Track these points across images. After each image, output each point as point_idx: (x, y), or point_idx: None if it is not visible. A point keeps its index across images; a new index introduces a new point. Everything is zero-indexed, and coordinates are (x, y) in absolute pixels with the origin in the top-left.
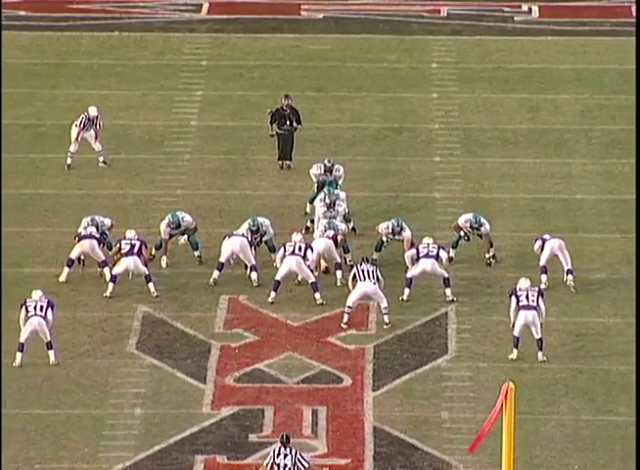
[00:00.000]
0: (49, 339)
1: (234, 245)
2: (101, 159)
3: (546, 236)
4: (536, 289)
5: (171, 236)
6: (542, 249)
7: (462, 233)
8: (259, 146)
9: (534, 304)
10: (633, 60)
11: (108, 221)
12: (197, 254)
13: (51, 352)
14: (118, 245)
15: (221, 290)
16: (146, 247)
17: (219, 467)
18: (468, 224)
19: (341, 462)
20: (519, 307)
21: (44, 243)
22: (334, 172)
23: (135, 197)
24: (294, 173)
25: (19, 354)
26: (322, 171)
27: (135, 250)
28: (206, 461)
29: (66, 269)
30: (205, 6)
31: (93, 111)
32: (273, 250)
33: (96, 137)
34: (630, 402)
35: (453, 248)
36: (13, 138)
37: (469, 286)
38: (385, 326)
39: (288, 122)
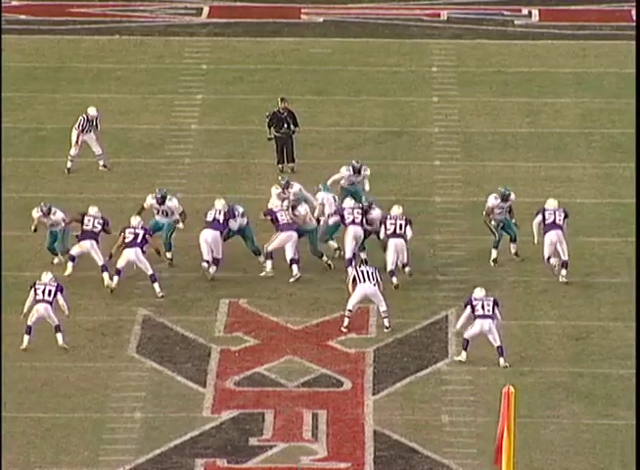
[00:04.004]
0: (57, 323)
1: (206, 237)
2: (101, 162)
3: (547, 206)
4: (491, 299)
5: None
6: (544, 223)
7: (493, 223)
8: (260, 150)
9: (490, 313)
10: (633, 64)
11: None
12: (169, 255)
13: (59, 335)
14: (123, 234)
15: (221, 293)
16: (150, 235)
17: None
18: (498, 200)
19: (341, 466)
20: (475, 316)
21: (44, 247)
22: (362, 172)
23: (135, 201)
24: (293, 177)
25: (26, 337)
26: (352, 173)
27: (139, 239)
28: (207, 465)
29: (70, 264)
30: (206, 10)
31: (92, 110)
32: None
33: (96, 138)
34: (631, 406)
35: (495, 248)
36: (13, 142)
37: (469, 290)
38: (385, 330)
39: (285, 125)
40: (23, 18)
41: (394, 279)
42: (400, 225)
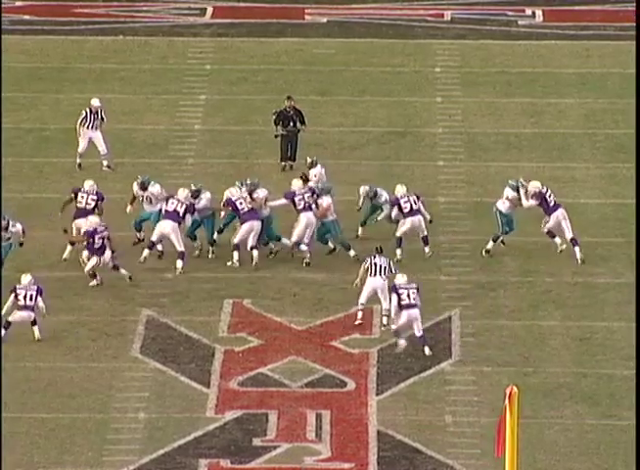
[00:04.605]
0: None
1: (164, 227)
2: (105, 162)
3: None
4: (415, 286)
5: (136, 198)
6: (547, 204)
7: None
8: (263, 150)
9: (415, 301)
10: (637, 64)
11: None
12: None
13: (35, 328)
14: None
15: (225, 294)
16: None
17: None
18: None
19: (344, 466)
20: (401, 306)
21: (48, 247)
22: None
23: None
24: (291, 175)
25: (3, 331)
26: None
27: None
28: (210, 465)
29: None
30: (210, 10)
31: (95, 101)
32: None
33: (103, 137)
34: (634, 407)
35: (493, 241)
36: (17, 142)
37: (472, 290)
38: (382, 328)
39: (292, 123)
40: (27, 18)
41: (427, 249)
42: (414, 201)
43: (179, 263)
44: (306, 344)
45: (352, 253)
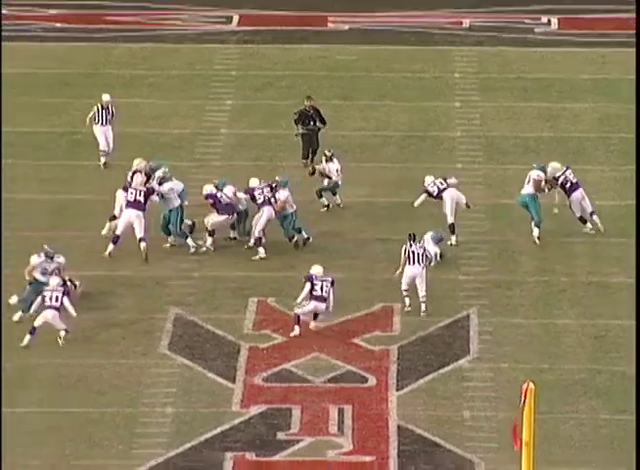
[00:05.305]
0: (63, 327)
1: (129, 216)
2: (103, 159)
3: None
4: (330, 279)
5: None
6: (564, 188)
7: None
8: (287, 153)
9: (327, 295)
10: None
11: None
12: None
13: (62, 333)
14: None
15: (250, 293)
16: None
17: (248, 464)
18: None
19: (366, 459)
20: (312, 297)
21: (78, 247)
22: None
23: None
24: (319, 179)
25: (28, 336)
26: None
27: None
28: (236, 458)
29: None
30: (236, 18)
31: (106, 96)
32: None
33: (112, 134)
34: None
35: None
36: (50, 146)
37: (490, 289)
38: (421, 314)
39: (312, 122)
40: (59, 26)
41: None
42: (440, 183)
43: (142, 245)
44: (328, 341)
45: (297, 238)
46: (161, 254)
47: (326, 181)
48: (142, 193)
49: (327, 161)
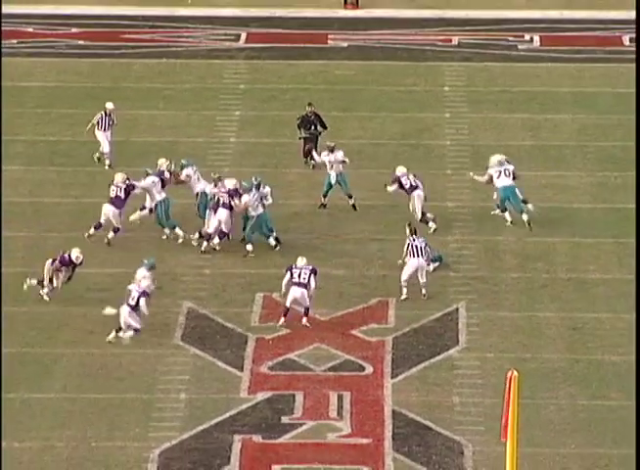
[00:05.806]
0: (137, 326)
1: (107, 211)
2: (107, 161)
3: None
4: (310, 268)
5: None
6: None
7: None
8: (291, 160)
9: (305, 281)
10: (625, 84)
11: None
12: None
13: (128, 333)
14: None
15: (257, 288)
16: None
17: (255, 446)
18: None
19: (363, 441)
20: (291, 283)
21: (99, 246)
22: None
23: (180, 205)
24: (320, 181)
25: (112, 333)
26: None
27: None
28: (244, 440)
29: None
30: (244, 36)
31: (110, 105)
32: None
33: (111, 138)
34: (621, 389)
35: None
36: (74, 154)
37: (477, 285)
38: (422, 297)
39: (313, 127)
40: (82, 43)
41: (432, 224)
42: (413, 178)
43: (110, 234)
44: (329, 332)
45: (249, 247)
46: (177, 252)
47: (341, 166)
48: (122, 190)
49: (330, 151)
